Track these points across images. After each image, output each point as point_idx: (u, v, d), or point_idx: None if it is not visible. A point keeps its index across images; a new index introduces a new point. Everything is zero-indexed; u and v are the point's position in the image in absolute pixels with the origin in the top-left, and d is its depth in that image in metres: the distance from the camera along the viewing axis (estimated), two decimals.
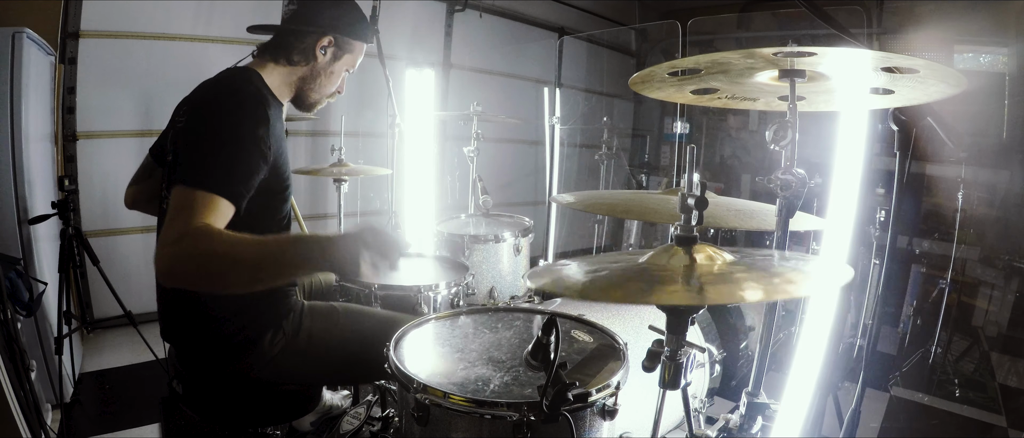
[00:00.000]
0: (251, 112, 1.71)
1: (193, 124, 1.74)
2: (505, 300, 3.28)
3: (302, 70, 1.97)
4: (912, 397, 3.94)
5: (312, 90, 2.02)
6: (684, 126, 4.00)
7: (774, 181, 1.51)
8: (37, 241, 3.26)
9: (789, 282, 1.21)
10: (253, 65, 1.95)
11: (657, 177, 7.48)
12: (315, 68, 1.98)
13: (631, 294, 1.24)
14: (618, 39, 8.08)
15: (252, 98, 1.76)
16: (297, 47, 1.94)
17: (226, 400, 1.96)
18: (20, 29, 3.05)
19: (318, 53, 1.96)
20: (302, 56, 1.95)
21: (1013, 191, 5.01)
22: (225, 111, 1.70)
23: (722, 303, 1.59)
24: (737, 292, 1.19)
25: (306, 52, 1.95)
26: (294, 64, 1.95)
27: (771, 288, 1.19)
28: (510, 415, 1.40)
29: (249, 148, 1.66)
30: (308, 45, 1.95)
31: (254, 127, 1.69)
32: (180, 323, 1.91)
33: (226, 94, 1.77)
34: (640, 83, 1.69)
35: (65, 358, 3.15)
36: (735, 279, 1.21)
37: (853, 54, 1.37)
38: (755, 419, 1.67)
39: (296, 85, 2.00)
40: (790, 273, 1.26)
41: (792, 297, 1.36)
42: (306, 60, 1.96)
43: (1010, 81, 5.09)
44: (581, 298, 1.27)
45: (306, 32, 1.94)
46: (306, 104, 2.06)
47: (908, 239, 5.17)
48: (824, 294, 2.18)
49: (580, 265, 1.41)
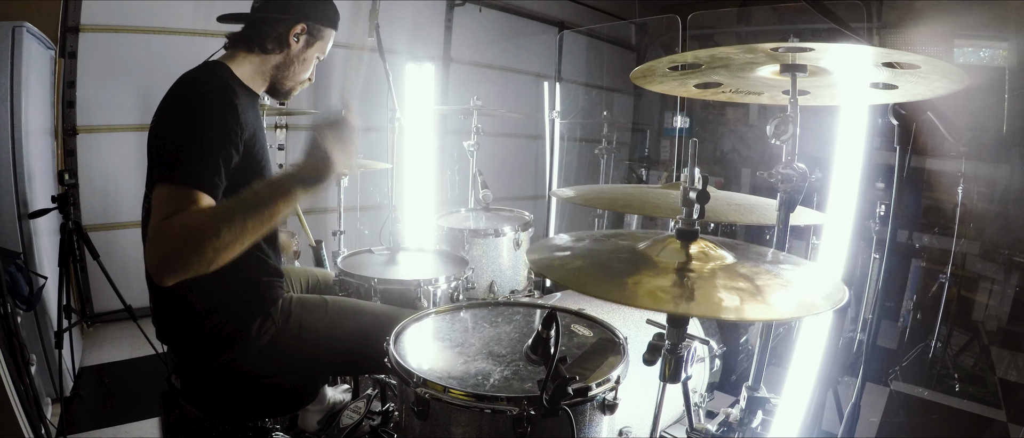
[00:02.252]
0: (214, 102, 1.72)
1: (161, 122, 1.74)
2: (505, 294, 3.28)
3: (276, 58, 1.99)
4: (912, 392, 3.95)
5: (286, 78, 2.04)
6: (684, 120, 4.00)
7: (775, 175, 1.51)
8: (37, 235, 3.26)
9: (780, 297, 1.21)
10: (223, 58, 1.96)
11: (657, 171, 7.48)
12: (289, 56, 2.00)
13: (614, 293, 1.23)
14: (618, 33, 8.06)
15: (214, 90, 1.77)
16: (270, 35, 1.95)
17: (223, 393, 1.97)
18: (20, 23, 3.05)
19: (292, 40, 1.97)
20: (276, 44, 1.97)
21: (1013, 185, 5.01)
22: (188, 107, 1.71)
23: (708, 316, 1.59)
24: (724, 306, 1.19)
25: (280, 40, 1.97)
26: (268, 53, 1.97)
27: (761, 306, 1.19)
28: (510, 409, 1.40)
29: (216, 138, 1.67)
30: (281, 33, 1.96)
31: (220, 116, 1.70)
32: (170, 322, 1.93)
33: (187, 91, 1.77)
34: (642, 77, 1.68)
35: (65, 352, 3.15)
36: (727, 288, 1.21)
37: (852, 49, 1.36)
38: (755, 413, 1.67)
39: (270, 74, 2.01)
40: (783, 287, 1.27)
41: (782, 319, 1.36)
42: (280, 48, 1.98)
43: (1010, 75, 5.09)
44: (568, 286, 1.28)
45: (279, 20, 1.95)
46: (281, 92, 2.08)
47: (908, 233, 5.18)
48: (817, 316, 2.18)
49: (577, 242, 1.42)
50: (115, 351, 4.11)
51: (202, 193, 1.55)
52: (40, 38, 3.38)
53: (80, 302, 4.21)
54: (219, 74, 1.87)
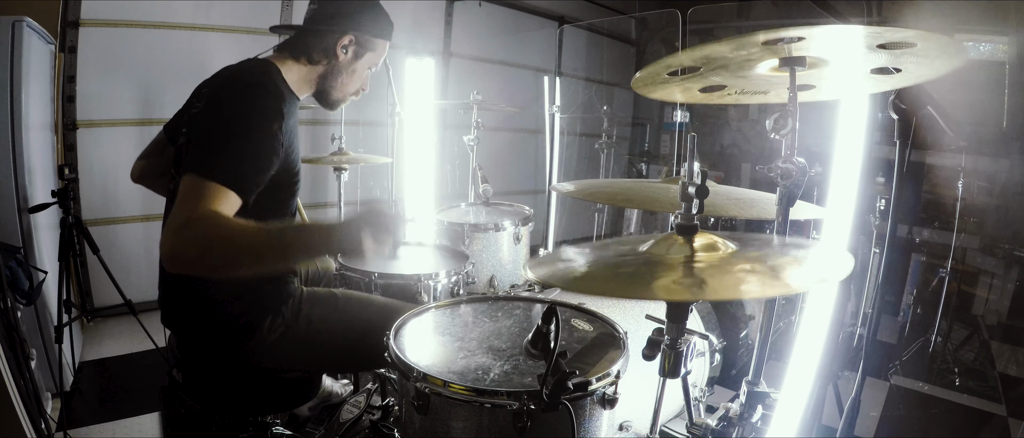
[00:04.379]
0: (266, 106, 1.71)
1: (208, 112, 1.74)
2: (505, 289, 3.28)
3: (322, 68, 1.97)
4: (912, 386, 3.95)
5: (334, 88, 2.02)
6: (684, 115, 4.00)
7: (774, 170, 1.50)
8: (37, 230, 3.26)
9: (791, 275, 1.21)
10: (273, 58, 1.94)
11: (657, 166, 7.48)
12: (336, 67, 1.98)
13: (631, 290, 1.24)
14: (618, 28, 8.06)
15: (269, 92, 1.76)
16: (318, 46, 1.94)
17: (226, 388, 1.97)
18: (20, 18, 3.04)
19: (339, 52, 1.95)
20: (323, 55, 1.95)
21: (1013, 180, 5.02)
22: (241, 103, 1.70)
23: (723, 299, 1.58)
24: (738, 286, 1.19)
25: (327, 51, 1.95)
26: (314, 63, 1.95)
27: (773, 283, 1.19)
28: (510, 404, 1.40)
29: (262, 142, 1.66)
30: (329, 44, 1.94)
31: (269, 122, 1.69)
32: (180, 309, 1.92)
33: (243, 85, 1.76)
34: (644, 85, 1.67)
35: (65, 347, 3.16)
36: (735, 272, 1.21)
37: (845, 32, 1.35)
38: (755, 408, 1.67)
39: (317, 83, 2.00)
40: (791, 265, 1.26)
41: (794, 292, 1.35)
42: (327, 59, 1.96)
43: (1010, 70, 5.09)
44: (581, 292, 1.28)
45: (327, 31, 1.94)
46: (329, 102, 2.06)
47: (908, 228, 5.17)
48: (828, 287, 2.18)
49: (579, 254, 1.41)
50: (115, 346, 4.11)
51: (237, 196, 1.54)
52: (40, 33, 3.38)
53: (80, 297, 4.21)
54: (272, 76, 1.85)
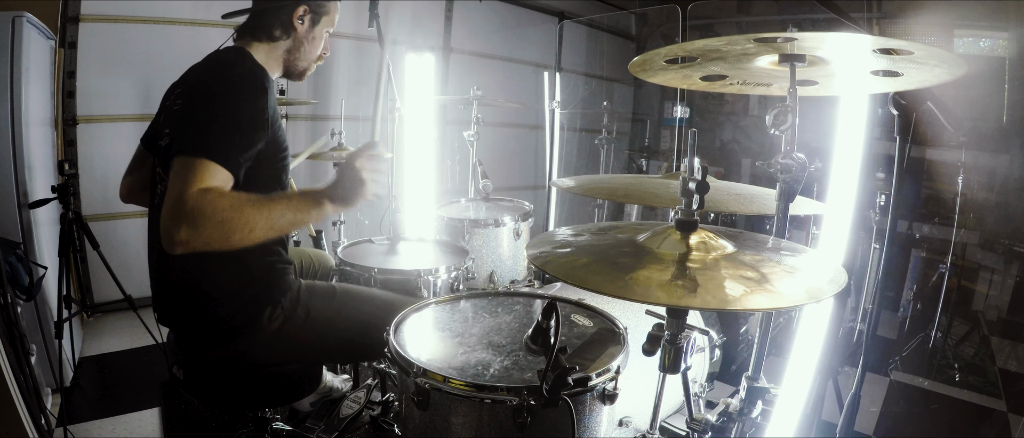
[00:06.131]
0: (247, 83, 1.75)
1: (191, 100, 1.77)
2: (505, 285, 3.28)
3: (285, 43, 2.00)
4: (912, 382, 3.95)
5: (299, 60, 2.05)
6: (684, 110, 3.98)
7: (774, 166, 1.51)
8: (37, 225, 3.26)
9: (784, 286, 1.21)
10: (238, 45, 1.97)
11: (657, 161, 7.47)
12: (297, 38, 2.01)
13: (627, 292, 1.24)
14: (618, 23, 8.04)
15: (248, 70, 1.81)
16: (275, 23, 1.96)
17: (226, 382, 1.96)
18: (20, 13, 3.05)
19: (296, 23, 1.98)
20: (282, 30, 1.97)
21: (1013, 175, 5.01)
22: (222, 88, 1.73)
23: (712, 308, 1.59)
24: (729, 296, 1.19)
25: (285, 25, 1.97)
26: (276, 39, 1.98)
27: (765, 295, 1.19)
28: (510, 399, 1.40)
29: (248, 120, 1.69)
30: (285, 18, 1.96)
31: (252, 100, 1.73)
32: (176, 304, 1.91)
33: (220, 72, 1.80)
34: (640, 70, 1.68)
35: (65, 342, 3.15)
36: (729, 278, 1.22)
37: (845, 38, 1.36)
38: (755, 403, 1.67)
39: (282, 58, 2.02)
40: (785, 275, 1.27)
41: (787, 307, 1.36)
42: (286, 33, 1.98)
43: (1010, 65, 5.08)
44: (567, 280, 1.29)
45: (280, 6, 1.96)
46: (296, 74, 2.09)
47: (908, 224, 5.18)
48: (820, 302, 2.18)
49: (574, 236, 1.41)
50: (115, 341, 4.11)
51: (226, 171, 1.57)
52: (40, 28, 3.38)
53: (80, 292, 4.22)
54: (245, 57, 1.89)
